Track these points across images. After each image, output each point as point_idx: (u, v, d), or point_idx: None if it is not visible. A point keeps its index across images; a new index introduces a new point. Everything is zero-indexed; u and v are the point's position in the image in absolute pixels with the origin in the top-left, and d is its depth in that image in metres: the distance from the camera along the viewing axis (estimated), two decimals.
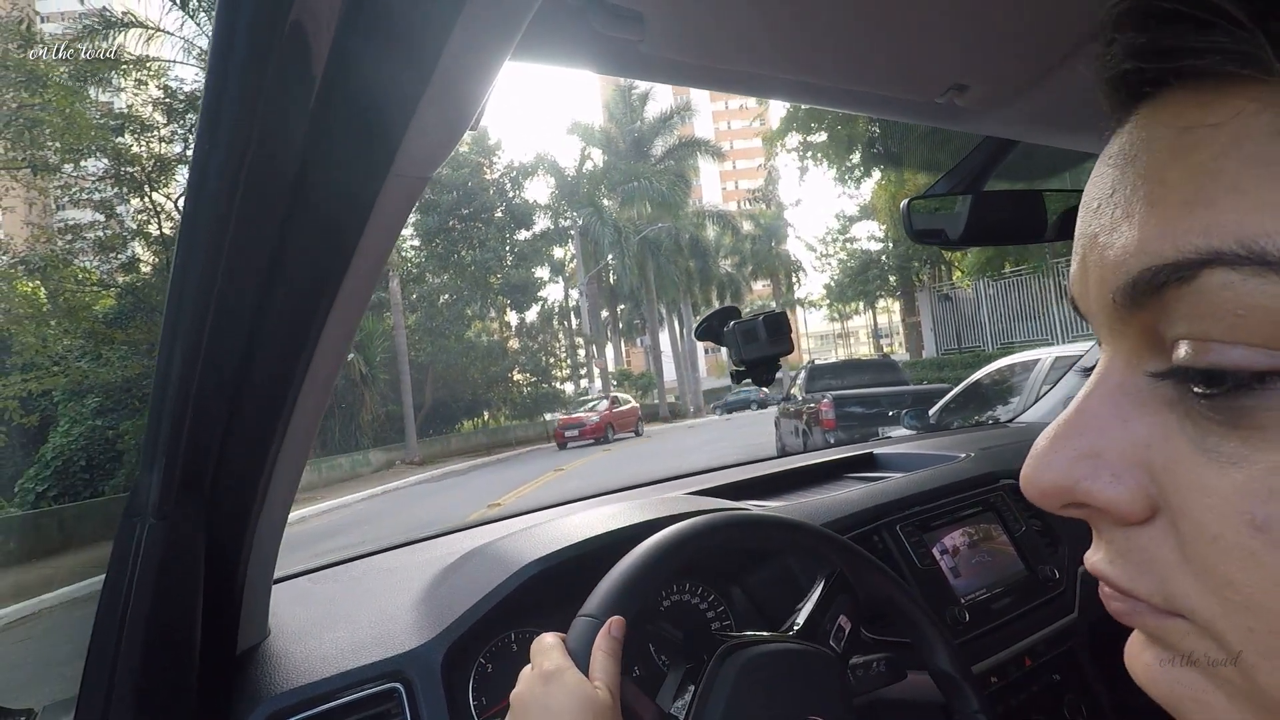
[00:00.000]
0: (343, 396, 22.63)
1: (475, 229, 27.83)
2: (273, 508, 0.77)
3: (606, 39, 0.63)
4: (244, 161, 0.47)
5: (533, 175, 30.32)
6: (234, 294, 0.56)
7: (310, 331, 0.63)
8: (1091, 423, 0.27)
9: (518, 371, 30.51)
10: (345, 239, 0.58)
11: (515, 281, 28.94)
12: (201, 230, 0.52)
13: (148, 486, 0.67)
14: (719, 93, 0.96)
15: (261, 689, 0.80)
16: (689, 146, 32.67)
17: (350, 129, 0.51)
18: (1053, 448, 0.28)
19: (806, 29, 0.68)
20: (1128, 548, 0.26)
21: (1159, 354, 0.25)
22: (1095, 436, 0.27)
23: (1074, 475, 0.27)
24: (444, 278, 28.11)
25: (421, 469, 20.52)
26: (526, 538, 1.06)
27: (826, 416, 8.98)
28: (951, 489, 1.36)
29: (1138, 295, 0.24)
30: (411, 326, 25.68)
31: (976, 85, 0.83)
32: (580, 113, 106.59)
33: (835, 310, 34.69)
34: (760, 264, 37.78)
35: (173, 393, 0.61)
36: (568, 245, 32.02)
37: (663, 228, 31.22)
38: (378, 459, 21.69)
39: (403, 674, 0.84)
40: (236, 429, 0.66)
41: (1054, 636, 1.24)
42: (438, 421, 27.77)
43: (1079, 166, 1.26)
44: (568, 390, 33.22)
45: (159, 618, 0.68)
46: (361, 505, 13.92)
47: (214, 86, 0.44)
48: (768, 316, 0.97)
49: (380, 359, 23.81)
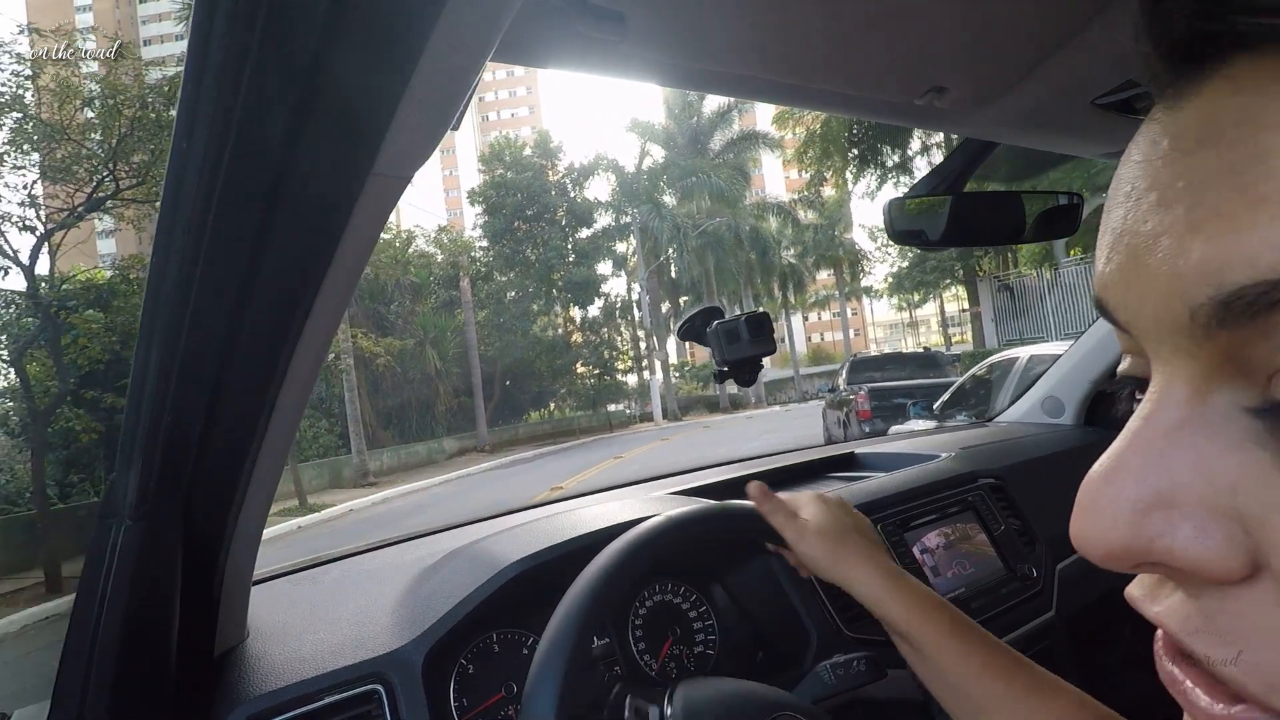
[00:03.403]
0: (418, 389, 24.64)
1: (539, 229, 29.75)
2: (251, 508, 0.76)
3: (589, 39, 0.63)
4: (222, 159, 0.47)
5: (593, 174, 31.57)
6: (213, 292, 0.55)
7: (290, 330, 0.62)
8: (1156, 463, 0.22)
9: (581, 364, 32.14)
10: (325, 237, 0.57)
11: (577, 279, 30.17)
12: (180, 228, 0.51)
13: (124, 487, 0.66)
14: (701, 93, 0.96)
15: (240, 691, 0.80)
16: (748, 140, 32.99)
17: (330, 128, 0.51)
18: (1111, 497, 0.23)
19: (788, 30, 0.69)
20: (1221, 610, 0.21)
21: (1243, 383, 0.21)
22: (1162, 479, 0.22)
23: (1147, 532, 0.22)
24: (510, 276, 30.04)
25: (492, 456, 22.26)
26: (508, 538, 1.06)
27: (862, 408, 9.66)
28: (931, 488, 1.37)
29: (1231, 314, 0.20)
30: (481, 323, 27.41)
31: (956, 87, 0.84)
32: (640, 110, 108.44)
33: (903, 299, 34.38)
34: (823, 254, 37.22)
35: (150, 392, 0.60)
36: (629, 240, 32.64)
37: (721, 221, 31.51)
38: (451, 446, 23.83)
39: (383, 675, 0.83)
40: (215, 429, 0.66)
41: (1032, 635, 1.25)
42: (506, 412, 30.06)
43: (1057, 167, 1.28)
44: (630, 382, 34.74)
45: (135, 620, 0.68)
46: (438, 489, 15.43)
47: (192, 83, 0.44)
48: (750, 316, 0.98)
49: (453, 354, 25.72)
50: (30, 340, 10.46)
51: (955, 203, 1.12)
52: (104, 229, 20.04)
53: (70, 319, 10.29)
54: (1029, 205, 1.18)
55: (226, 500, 0.72)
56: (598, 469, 13.74)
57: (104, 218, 11.97)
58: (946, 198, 1.12)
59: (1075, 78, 0.84)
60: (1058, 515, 1.48)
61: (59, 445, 11.08)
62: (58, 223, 10.54)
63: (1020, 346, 7.59)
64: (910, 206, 1.14)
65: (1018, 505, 1.44)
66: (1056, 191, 1.22)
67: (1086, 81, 0.85)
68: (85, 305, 10.75)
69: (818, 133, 17.73)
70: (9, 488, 11.33)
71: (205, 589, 0.77)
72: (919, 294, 30.58)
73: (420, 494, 14.79)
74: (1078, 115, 0.94)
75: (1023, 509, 1.44)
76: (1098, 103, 0.90)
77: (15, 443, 11.74)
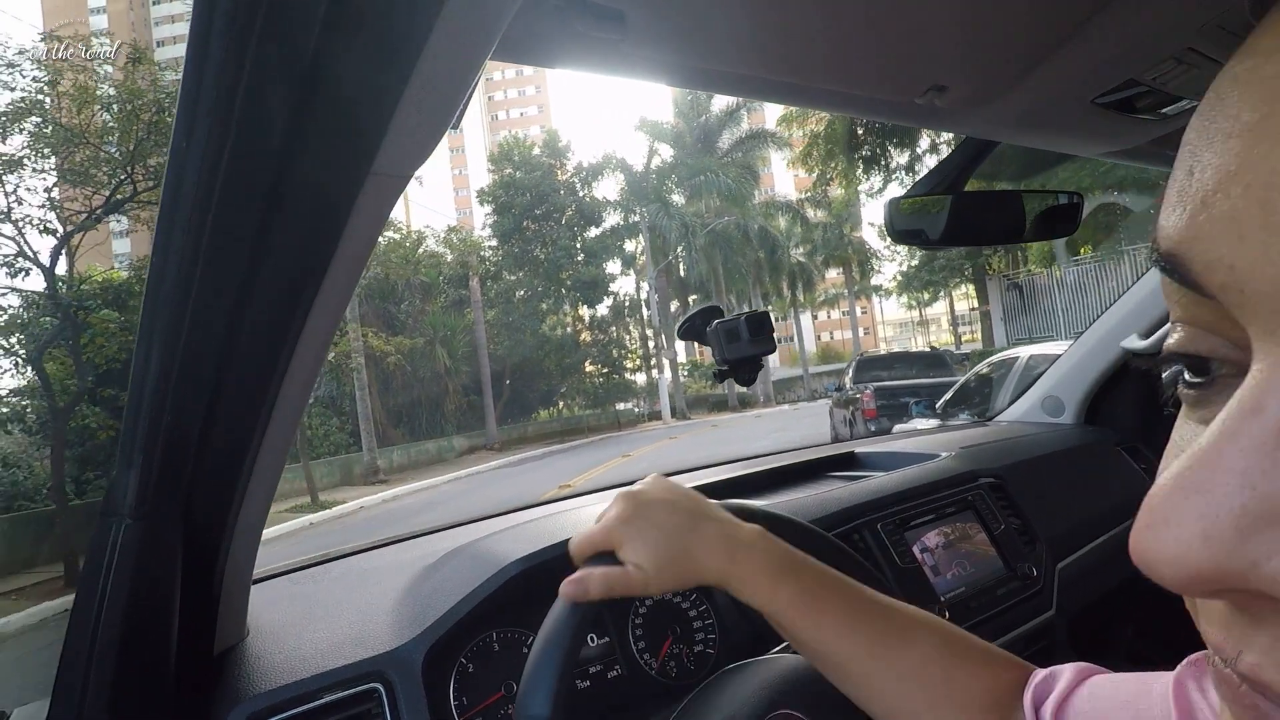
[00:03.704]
0: (428, 387, 24.98)
1: (548, 228, 30.11)
2: (251, 508, 0.76)
3: (588, 38, 0.63)
4: (222, 158, 0.47)
5: (602, 174, 31.75)
6: (212, 291, 0.55)
7: (290, 329, 0.62)
8: (1256, 470, 0.18)
9: (589, 363, 32.48)
10: (325, 237, 0.57)
11: (585, 278, 30.42)
12: (179, 227, 0.51)
13: (124, 486, 0.66)
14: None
15: (240, 690, 0.80)
16: (756, 138, 32.96)
17: (330, 127, 0.51)
18: (1202, 510, 0.18)
19: (788, 29, 0.69)
20: None
21: None
22: (1274, 487, 0.18)
23: (1250, 553, 0.17)
24: (519, 275, 30.41)
25: (501, 454, 22.54)
26: (508, 537, 1.06)
27: (868, 406, 9.77)
28: (932, 487, 1.37)
29: None
30: (490, 322, 27.81)
31: (956, 86, 0.84)
32: (649, 109, 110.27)
33: (913, 298, 34.22)
34: (831, 252, 36.92)
35: (150, 391, 0.60)
36: (638, 239, 32.83)
37: (730, 220, 31.58)
38: (461, 444, 24.20)
39: (383, 674, 0.83)
40: (214, 428, 0.66)
41: (1032, 634, 1.25)
42: (516, 410, 30.37)
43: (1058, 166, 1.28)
44: (639, 381, 35.04)
45: (135, 618, 0.68)
46: (447, 486, 15.71)
47: (191, 82, 0.44)
48: (750, 316, 0.97)
49: (462, 352, 25.99)
50: (51, 339, 10.63)
51: (955, 202, 1.11)
52: (119, 229, 20.16)
53: (88, 319, 10.43)
54: (1029, 204, 1.18)
55: (226, 499, 0.72)
56: (606, 467, 13.95)
57: (120, 219, 12.07)
58: (946, 197, 1.12)
59: (1076, 76, 0.84)
60: (1058, 514, 1.48)
61: (75, 442, 11.18)
62: (76, 225, 10.69)
63: (1026, 345, 7.63)
64: (910, 206, 1.14)
65: (1018, 504, 1.44)
66: (1056, 191, 1.21)
67: (1087, 80, 0.85)
68: (102, 305, 10.86)
69: (821, 134, 17.74)
70: (27, 484, 11.48)
71: (205, 587, 0.77)
72: (928, 293, 30.47)
73: (430, 491, 15.01)
74: (1078, 114, 0.94)
75: (1023, 508, 1.44)
76: (1098, 101, 0.90)
77: (33, 440, 11.90)
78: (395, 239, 25.21)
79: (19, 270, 10.31)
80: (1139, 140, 1.02)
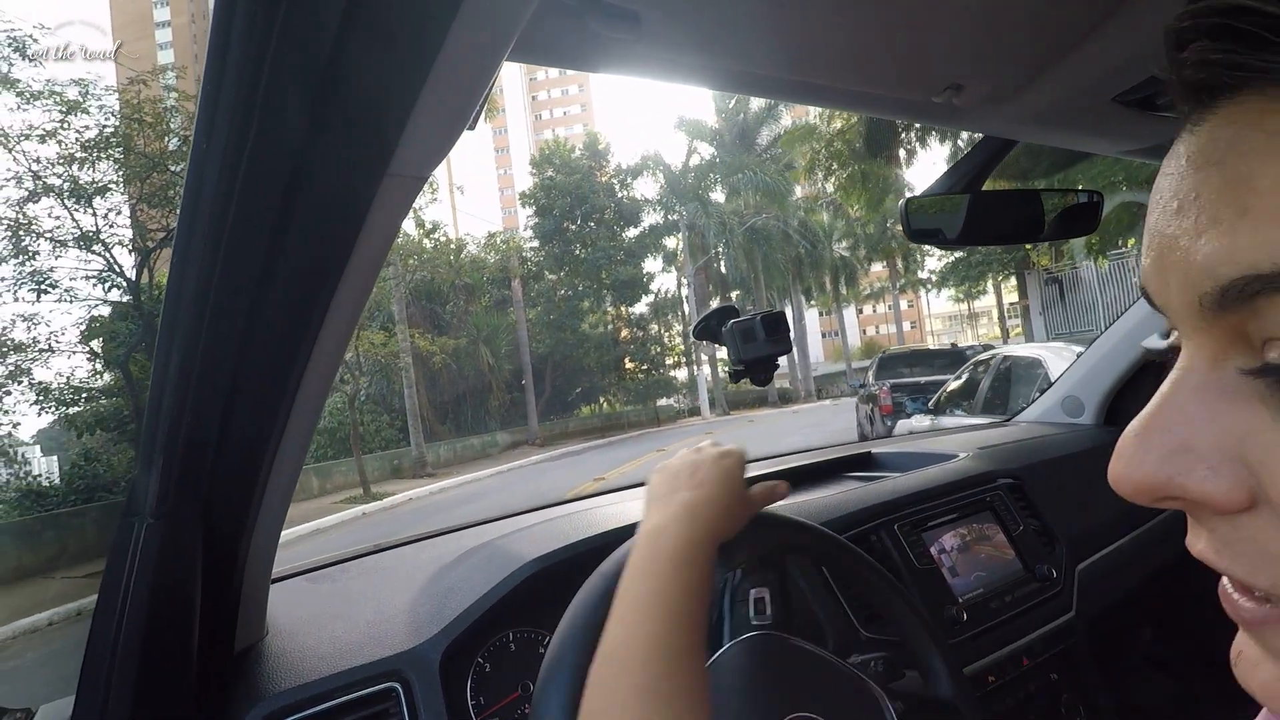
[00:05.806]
0: (473, 385, 26.02)
1: (588, 229, 30.77)
2: (270, 506, 0.77)
3: (604, 39, 0.63)
4: (241, 160, 0.47)
5: (641, 174, 32.20)
6: (231, 292, 0.56)
7: (308, 330, 0.63)
8: (1179, 417, 0.27)
9: (629, 360, 32.96)
10: (342, 238, 0.58)
11: (624, 277, 30.88)
12: (199, 228, 0.52)
13: (145, 486, 0.67)
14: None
15: (259, 688, 0.80)
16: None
17: (347, 128, 0.51)
18: (1142, 444, 0.28)
19: (804, 28, 0.68)
20: (1235, 536, 0.27)
21: (1247, 351, 0.26)
22: (1185, 431, 0.27)
23: (1168, 470, 0.27)
24: (560, 275, 31.06)
25: (542, 449, 23.17)
26: (525, 537, 1.06)
27: (885, 403, 9.97)
28: (949, 488, 1.36)
29: (1227, 301, 0.25)
30: (532, 321, 28.60)
31: (974, 84, 0.83)
32: (688, 108, 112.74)
33: (960, 292, 33.92)
34: (875, 245, 36.19)
35: (170, 391, 0.61)
36: (678, 236, 33.08)
37: (769, 216, 31.54)
38: (504, 440, 24.97)
39: (401, 673, 0.84)
40: (234, 427, 0.66)
41: (1051, 635, 1.24)
42: (557, 406, 31.14)
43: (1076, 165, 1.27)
44: (679, 377, 35.33)
45: (156, 617, 0.69)
46: (491, 480, 16.38)
47: (211, 84, 0.44)
48: (766, 316, 0.97)
49: (505, 351, 26.94)
50: (135, 344, 11.74)
51: (973, 201, 1.11)
52: None
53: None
54: (1048, 203, 1.17)
55: (246, 499, 0.73)
56: (639, 462, 14.29)
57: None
58: (964, 196, 1.11)
59: (1095, 74, 0.83)
60: (1077, 515, 1.46)
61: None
62: (157, 242, 12.16)
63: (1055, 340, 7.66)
64: (927, 205, 1.13)
65: (1036, 505, 1.43)
66: (1075, 189, 1.20)
67: (1106, 78, 0.84)
68: None
69: (821, 152, 17.75)
70: (106, 477, 12.16)
71: (225, 586, 0.78)
72: (967, 286, 30.14)
73: (474, 485, 15.71)
74: (1098, 112, 0.93)
75: (1041, 509, 1.43)
76: (1118, 99, 0.89)
77: (112, 436, 12.67)
78: (441, 242, 25.82)
79: (111, 285, 11.75)
80: (1159, 139, 1.01)
